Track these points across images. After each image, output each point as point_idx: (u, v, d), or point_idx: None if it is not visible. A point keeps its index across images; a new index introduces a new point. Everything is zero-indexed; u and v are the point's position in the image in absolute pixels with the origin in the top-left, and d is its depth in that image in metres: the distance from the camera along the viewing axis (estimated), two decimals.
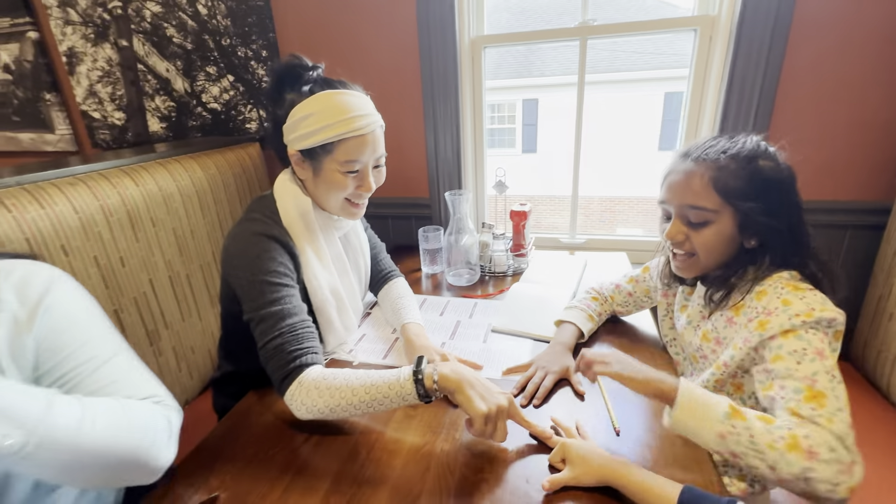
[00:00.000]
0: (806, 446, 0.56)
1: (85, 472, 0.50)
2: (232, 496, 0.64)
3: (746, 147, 0.72)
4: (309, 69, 0.85)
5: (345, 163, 0.83)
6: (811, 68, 1.24)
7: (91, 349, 0.57)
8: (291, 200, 0.87)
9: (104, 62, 1.78)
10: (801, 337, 0.64)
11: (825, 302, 0.67)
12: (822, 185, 1.33)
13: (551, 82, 9.02)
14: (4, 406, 0.43)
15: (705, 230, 0.73)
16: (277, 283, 0.80)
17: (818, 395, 0.60)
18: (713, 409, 0.60)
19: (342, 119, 0.80)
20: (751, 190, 0.70)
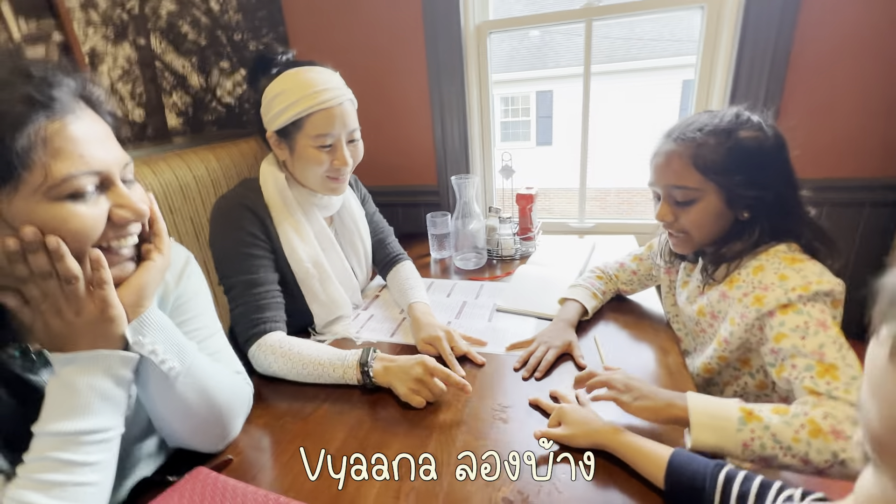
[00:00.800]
0: (829, 428, 0.55)
1: (199, 412, 0.61)
2: (244, 460, 0.68)
3: (724, 120, 0.71)
4: (279, 54, 0.90)
5: (316, 137, 0.87)
6: (824, 43, 1.21)
7: (206, 319, 0.69)
8: (271, 177, 0.93)
9: (124, 61, 1.85)
10: (801, 311, 0.64)
11: (822, 273, 0.67)
12: (838, 163, 1.30)
13: (565, 73, 8.90)
14: (178, 342, 0.57)
15: (692, 208, 0.74)
16: (246, 253, 0.87)
17: (830, 367, 0.59)
18: (727, 420, 0.58)
19: (308, 93, 0.84)
20: (731, 163, 0.69)
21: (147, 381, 0.57)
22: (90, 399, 0.49)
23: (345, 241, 1.09)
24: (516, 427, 0.70)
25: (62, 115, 0.45)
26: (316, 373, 0.81)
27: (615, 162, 8.34)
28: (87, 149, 0.46)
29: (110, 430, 0.51)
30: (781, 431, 0.56)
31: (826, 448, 0.54)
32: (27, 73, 0.44)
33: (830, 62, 1.23)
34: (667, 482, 0.55)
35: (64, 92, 0.46)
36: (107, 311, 0.50)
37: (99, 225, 0.48)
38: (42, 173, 0.43)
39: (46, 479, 0.45)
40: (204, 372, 0.61)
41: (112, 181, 0.50)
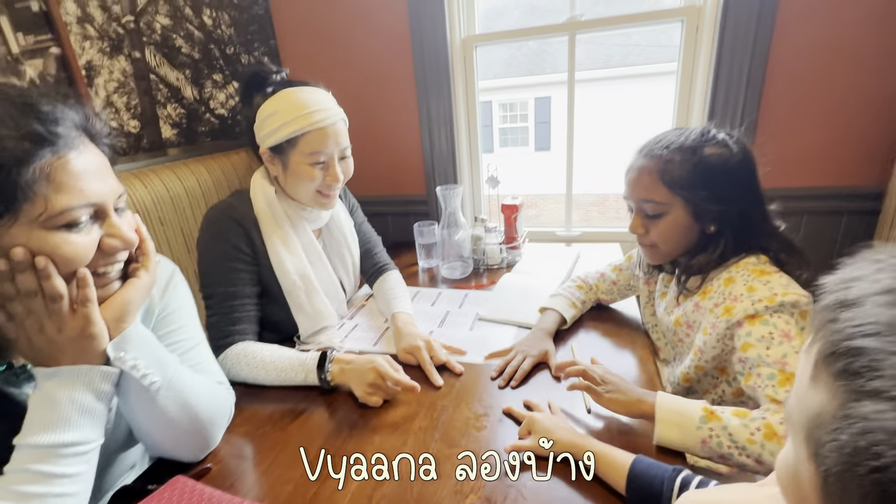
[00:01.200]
0: (783, 432, 0.57)
1: (180, 424, 0.63)
2: (223, 468, 0.70)
3: (690, 139, 0.75)
4: (273, 72, 0.92)
5: (309, 154, 0.90)
6: (799, 54, 1.24)
7: (189, 330, 0.71)
8: (260, 191, 0.95)
9: (119, 74, 1.88)
10: (767, 322, 0.67)
11: (789, 285, 0.69)
12: (815, 172, 1.32)
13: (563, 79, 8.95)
14: (159, 356, 0.59)
15: (661, 221, 0.77)
16: (228, 266, 0.90)
17: (791, 376, 0.62)
18: (689, 417, 0.62)
19: (302, 114, 0.87)
20: (696, 179, 0.73)
21: (128, 394, 0.59)
22: (70, 412, 0.51)
23: (333, 252, 1.11)
24: (489, 434, 0.72)
25: (66, 151, 0.48)
26: (281, 377, 0.84)
27: (614, 167, 8.37)
28: (87, 183, 0.49)
29: (90, 442, 0.53)
30: (738, 432, 0.59)
31: (778, 450, 0.56)
32: (36, 108, 0.47)
33: (807, 72, 1.25)
34: (628, 487, 0.57)
35: (68, 127, 0.49)
36: (88, 329, 0.51)
37: (90, 252, 0.50)
38: (42, 205, 0.46)
39: (25, 491, 0.47)
40: (185, 384, 0.63)
41: (106, 212, 0.52)
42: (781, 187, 0.76)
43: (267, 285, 0.97)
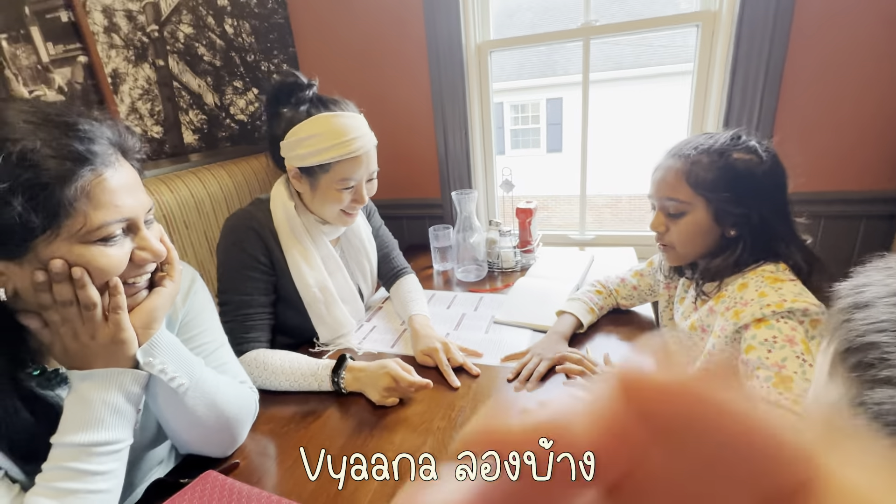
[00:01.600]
0: None
1: (208, 422, 0.66)
2: (250, 464, 0.73)
3: (719, 142, 0.76)
4: (305, 87, 0.92)
5: (342, 180, 0.92)
6: (816, 58, 1.24)
7: (212, 333, 0.74)
8: (280, 205, 0.97)
9: (143, 81, 1.94)
10: (772, 326, 0.68)
11: (801, 294, 0.70)
12: (833, 176, 1.32)
13: (575, 80, 8.92)
14: (186, 359, 0.62)
15: (681, 220, 0.78)
16: (245, 275, 0.92)
17: (785, 379, 0.63)
18: None
19: (340, 142, 0.88)
20: (720, 181, 0.74)
21: (158, 396, 0.62)
22: (103, 413, 0.54)
23: (351, 259, 1.13)
24: None
25: (103, 168, 0.51)
26: (294, 384, 0.86)
27: (627, 168, 8.32)
28: (121, 199, 0.52)
29: (121, 441, 0.56)
30: None
31: None
32: (75, 128, 0.50)
33: (824, 75, 1.24)
34: None
35: (104, 145, 0.52)
36: (119, 335, 0.54)
37: (122, 264, 0.54)
38: (82, 221, 0.49)
39: (61, 487, 0.50)
40: (211, 385, 0.66)
41: (137, 226, 0.55)
42: (798, 192, 0.76)
43: (285, 293, 0.99)
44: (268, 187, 1.64)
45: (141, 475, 0.73)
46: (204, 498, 0.63)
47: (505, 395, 0.84)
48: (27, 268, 0.48)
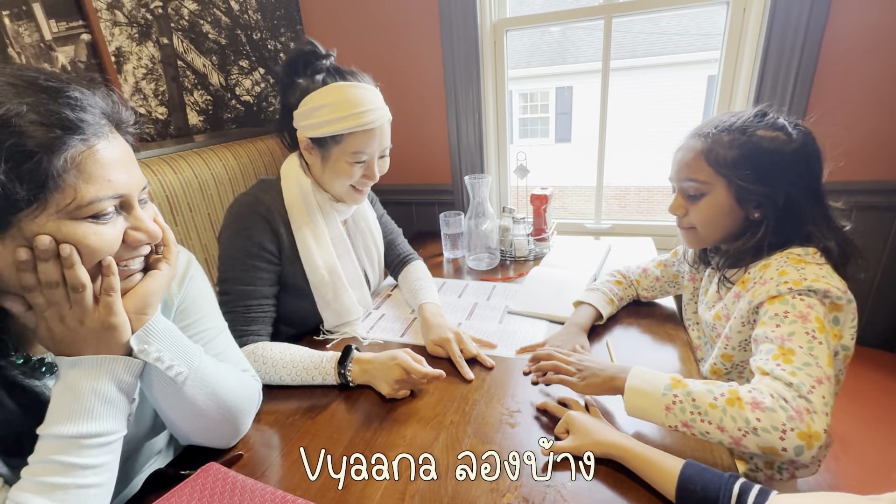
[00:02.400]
0: (749, 398, 0.56)
1: (209, 412, 0.63)
2: (254, 456, 0.69)
3: (742, 119, 0.71)
4: (322, 57, 0.87)
5: (353, 154, 0.87)
6: (853, 40, 1.16)
7: (211, 320, 0.70)
8: (295, 181, 0.92)
9: (147, 60, 1.89)
10: (786, 302, 0.64)
11: (826, 276, 0.65)
12: (868, 165, 1.25)
13: (585, 69, 8.77)
14: (184, 347, 0.58)
15: (701, 202, 0.74)
16: (249, 264, 0.88)
17: (788, 351, 0.60)
18: (656, 385, 0.62)
19: (354, 113, 0.84)
20: (740, 159, 0.69)
21: (155, 386, 0.58)
22: (93, 403, 0.50)
23: (359, 244, 1.09)
24: (523, 431, 0.70)
25: (95, 140, 0.47)
26: (297, 378, 0.82)
27: (636, 159, 8.19)
28: (114, 173, 0.48)
29: (113, 433, 0.52)
30: (701, 397, 0.58)
31: (740, 416, 0.55)
32: (65, 94, 0.46)
33: (862, 60, 1.17)
34: (678, 493, 0.54)
35: (96, 115, 0.48)
36: (109, 319, 0.50)
37: (115, 244, 0.49)
38: (71, 195, 0.44)
39: (49, 482, 0.46)
40: (211, 374, 0.62)
41: (131, 204, 0.51)
42: (829, 181, 0.71)
43: (291, 281, 0.94)
44: (273, 170, 1.59)
45: (138, 466, 0.70)
46: (205, 491, 0.59)
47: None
48: (9, 245, 0.44)
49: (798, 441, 0.52)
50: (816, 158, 0.70)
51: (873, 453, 0.98)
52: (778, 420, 0.53)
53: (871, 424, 1.06)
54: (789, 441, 0.53)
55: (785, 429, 0.53)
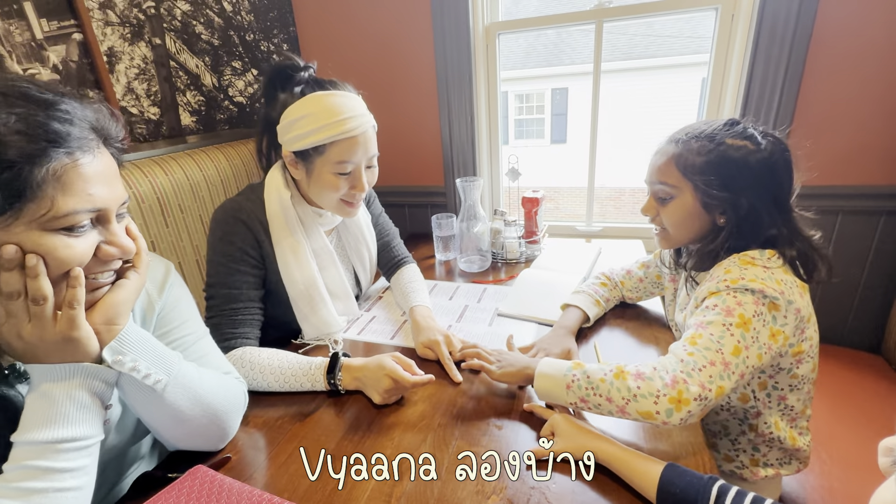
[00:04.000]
0: (633, 370, 0.64)
1: (194, 417, 0.62)
2: (242, 459, 0.69)
3: (713, 128, 0.74)
4: (300, 69, 0.87)
5: (337, 164, 0.86)
6: (843, 45, 1.18)
7: (191, 325, 0.70)
8: (276, 193, 0.91)
9: (140, 60, 1.88)
10: (720, 297, 0.68)
11: (766, 279, 0.67)
12: (852, 170, 1.27)
13: (581, 70, 8.80)
14: (161, 354, 0.58)
15: (670, 205, 0.77)
16: (233, 268, 0.88)
17: (697, 336, 0.65)
18: (559, 368, 0.69)
19: (333, 121, 0.83)
20: (707, 166, 0.72)
21: (134, 395, 0.58)
22: (68, 408, 0.49)
23: (350, 248, 1.09)
24: (510, 434, 0.71)
25: (80, 154, 0.46)
26: (285, 384, 0.82)
27: (631, 161, 8.22)
28: (95, 188, 0.48)
29: (89, 438, 0.51)
30: (594, 374, 0.66)
31: (623, 386, 0.62)
32: (55, 107, 0.46)
33: (849, 65, 1.19)
34: (659, 493, 0.55)
35: (84, 129, 0.48)
36: (70, 332, 0.48)
37: (85, 257, 0.49)
38: (47, 206, 0.44)
39: (26, 487, 0.46)
40: (192, 379, 0.62)
41: (108, 218, 0.50)
42: (816, 185, 0.73)
43: (273, 287, 0.94)
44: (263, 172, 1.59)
45: (123, 470, 0.70)
46: (192, 494, 0.60)
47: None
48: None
49: (668, 405, 0.59)
50: (785, 168, 0.72)
51: (857, 454, 1.00)
52: (654, 387, 0.61)
53: (856, 425, 1.08)
54: (661, 405, 0.60)
55: (658, 395, 0.60)
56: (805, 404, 0.79)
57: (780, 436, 0.78)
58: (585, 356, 0.88)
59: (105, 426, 0.57)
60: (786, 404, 0.78)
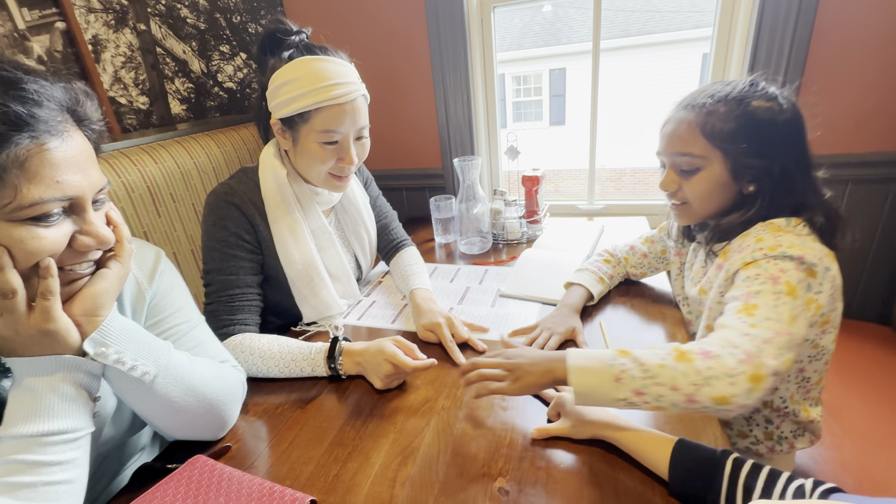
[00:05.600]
0: (697, 349, 0.54)
1: (189, 407, 0.61)
2: (242, 447, 0.68)
3: (737, 89, 0.69)
4: (291, 33, 0.84)
5: (322, 133, 0.82)
6: (852, 11, 1.13)
7: (186, 313, 0.68)
8: (271, 171, 0.88)
9: (125, 48, 1.84)
10: (759, 265, 0.63)
11: (802, 244, 0.64)
12: (863, 137, 1.23)
13: (579, 49, 8.64)
14: (149, 345, 0.56)
15: (695, 177, 0.72)
16: (228, 254, 0.85)
17: (751, 306, 0.59)
18: (601, 359, 0.57)
19: (319, 87, 0.79)
20: (739, 131, 0.67)
21: (122, 387, 0.56)
22: (52, 401, 0.48)
23: (349, 230, 1.06)
24: (516, 415, 0.69)
25: (47, 137, 0.43)
26: (285, 370, 0.80)
27: (631, 141, 8.12)
28: (65, 174, 0.44)
29: (77, 430, 0.50)
30: (648, 360, 0.54)
31: (691, 369, 0.52)
32: (19, 86, 0.42)
33: (858, 31, 1.14)
34: (671, 471, 0.53)
35: (52, 109, 0.44)
36: (46, 325, 0.46)
37: (57, 248, 0.46)
38: (11, 194, 0.41)
39: (14, 482, 0.44)
40: (184, 369, 0.60)
41: (83, 206, 0.47)
42: (825, 154, 0.70)
43: (272, 272, 0.92)
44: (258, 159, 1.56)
45: (123, 461, 0.69)
46: (191, 484, 0.58)
47: None
48: None
49: (747, 384, 0.51)
50: (803, 126, 0.69)
51: (869, 426, 0.99)
52: (727, 366, 0.52)
53: (866, 397, 1.06)
54: (739, 385, 0.51)
55: (734, 374, 0.51)
56: (821, 375, 0.77)
57: (794, 409, 0.76)
58: (591, 335, 0.86)
59: (97, 418, 0.55)
60: (804, 376, 0.76)
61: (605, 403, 0.56)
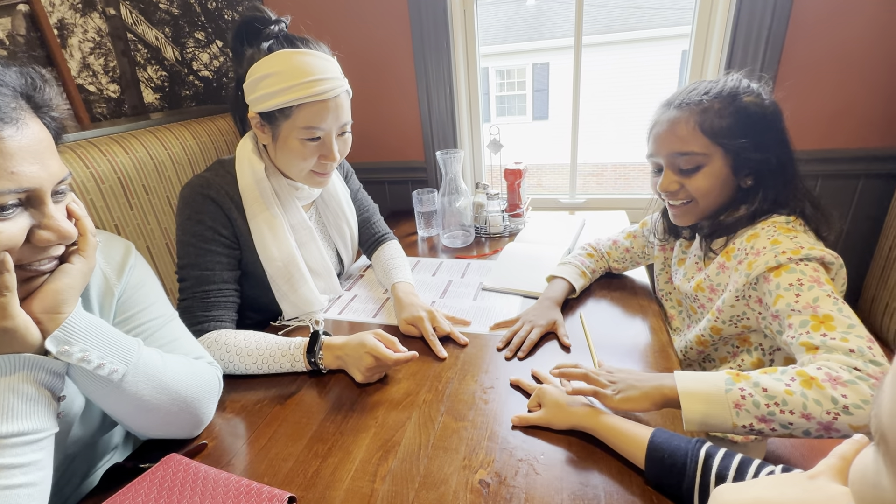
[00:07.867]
0: (824, 376, 0.52)
1: (161, 406, 0.59)
2: (219, 445, 0.67)
3: (728, 85, 0.70)
4: (270, 23, 0.80)
5: (304, 129, 0.80)
6: (824, 9, 1.16)
7: (158, 309, 0.66)
8: (248, 165, 0.86)
9: (94, 33, 1.76)
10: (794, 270, 0.63)
11: (817, 243, 0.66)
12: (832, 134, 1.27)
13: (562, 45, 8.68)
14: (116, 342, 0.53)
15: (698, 175, 0.72)
16: (204, 248, 0.83)
17: (825, 319, 0.58)
18: (715, 384, 0.55)
19: (301, 82, 0.77)
20: (737, 126, 0.68)
21: (88, 387, 0.54)
22: (12, 402, 0.45)
23: (330, 224, 1.04)
24: (497, 407, 0.69)
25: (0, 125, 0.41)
26: (262, 366, 0.78)
27: (612, 136, 8.22)
28: (21, 165, 0.42)
29: (40, 431, 0.47)
30: (772, 386, 0.52)
31: (824, 396, 0.50)
32: None
33: (830, 29, 1.17)
34: (647, 460, 0.54)
35: (5, 96, 0.42)
36: (2, 323, 0.44)
37: (13, 243, 0.43)
38: None
39: None
40: (156, 366, 0.58)
41: (41, 199, 0.45)
42: (799, 149, 0.72)
43: (250, 268, 0.89)
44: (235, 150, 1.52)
45: (94, 462, 0.67)
46: (164, 483, 0.57)
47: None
48: None
49: None
50: (783, 119, 0.71)
51: None
52: (864, 392, 0.50)
53: None
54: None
55: (871, 398, 0.49)
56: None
57: None
58: (571, 327, 0.87)
59: (63, 418, 0.53)
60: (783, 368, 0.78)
61: (721, 430, 0.54)
